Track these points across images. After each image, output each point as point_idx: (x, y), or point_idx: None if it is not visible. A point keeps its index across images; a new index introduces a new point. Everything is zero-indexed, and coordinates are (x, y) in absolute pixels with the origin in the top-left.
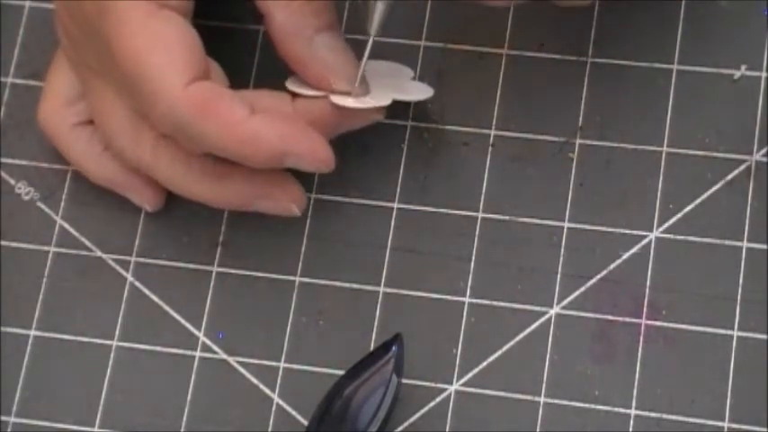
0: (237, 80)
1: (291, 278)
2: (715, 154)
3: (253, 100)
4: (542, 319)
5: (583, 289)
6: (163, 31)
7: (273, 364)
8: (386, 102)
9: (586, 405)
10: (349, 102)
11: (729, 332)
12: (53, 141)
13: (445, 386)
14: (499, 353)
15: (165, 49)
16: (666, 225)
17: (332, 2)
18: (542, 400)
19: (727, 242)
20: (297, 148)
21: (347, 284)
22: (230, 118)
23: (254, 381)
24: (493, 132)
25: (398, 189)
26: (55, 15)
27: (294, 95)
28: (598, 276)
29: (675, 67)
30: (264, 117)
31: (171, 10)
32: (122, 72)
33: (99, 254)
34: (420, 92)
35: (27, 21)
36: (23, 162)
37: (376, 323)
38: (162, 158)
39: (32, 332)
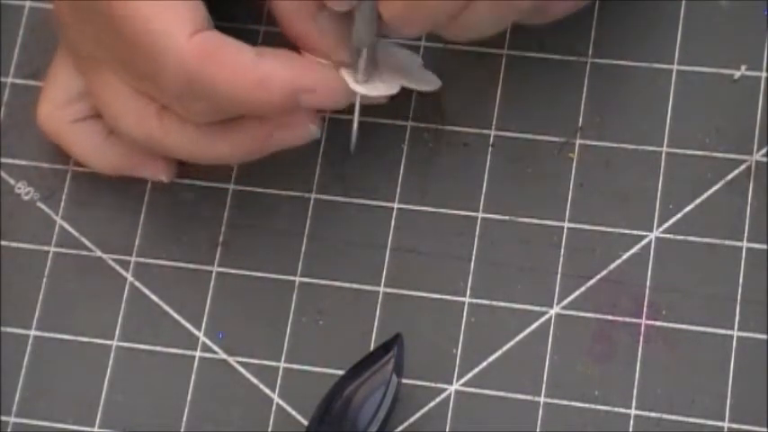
0: None
1: (291, 278)
2: (715, 154)
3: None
4: (542, 319)
5: (583, 289)
6: None
7: (273, 364)
8: (393, 90)
9: (586, 405)
10: (357, 87)
11: (729, 332)
12: (54, 139)
13: (445, 386)
14: (499, 353)
15: (166, 4)
16: (666, 225)
17: None
18: (542, 400)
19: (727, 242)
20: (311, 82)
21: (347, 284)
22: (239, 62)
23: (254, 381)
24: (493, 132)
25: (398, 189)
26: (53, 10)
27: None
28: (598, 276)
29: (675, 67)
30: (274, 57)
31: None
32: (126, 37)
33: (99, 254)
34: (429, 82)
35: (27, 21)
36: (23, 162)
37: (376, 323)
38: (171, 128)
39: (32, 332)
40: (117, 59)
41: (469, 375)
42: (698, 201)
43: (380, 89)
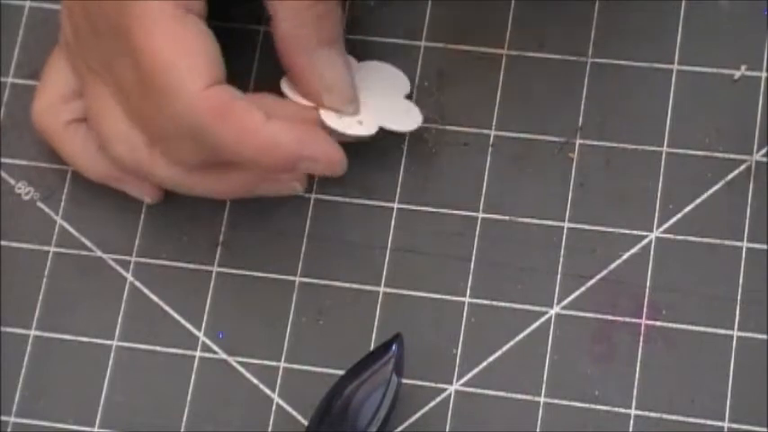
0: (237, 80)
1: (291, 278)
2: (715, 154)
3: (261, 103)
4: (542, 319)
5: (583, 289)
6: (186, 36)
7: (273, 364)
8: (371, 131)
9: (586, 405)
10: (336, 123)
11: (729, 332)
12: (47, 139)
13: (445, 386)
14: (499, 353)
15: (187, 53)
16: (666, 225)
17: (340, 17)
18: (542, 400)
19: (727, 242)
20: (313, 152)
21: (347, 284)
22: (248, 123)
23: (254, 381)
24: (493, 132)
25: (398, 189)
26: (63, 11)
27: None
28: (598, 276)
29: (675, 67)
30: (281, 123)
31: (195, 15)
32: (141, 69)
33: (99, 254)
34: (409, 121)
35: (27, 21)
36: (23, 162)
37: (376, 323)
38: (160, 161)
39: (32, 332)
40: (119, 83)
41: (469, 375)
42: (698, 201)
43: (358, 129)
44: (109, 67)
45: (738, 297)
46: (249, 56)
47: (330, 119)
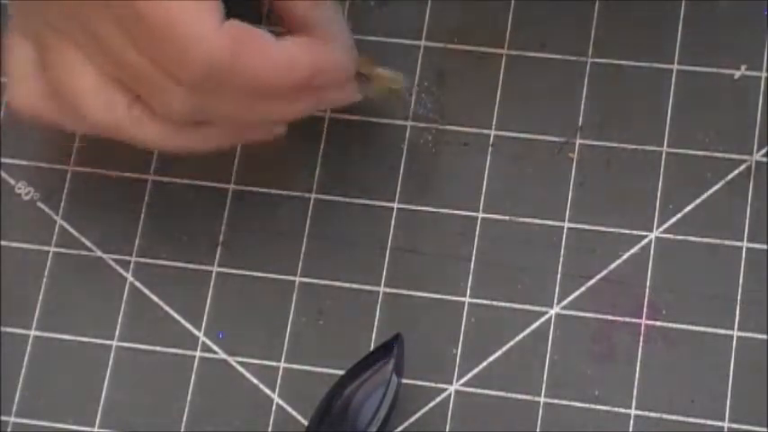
0: None
1: (291, 278)
2: (715, 154)
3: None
4: (542, 319)
5: (583, 289)
6: None
7: (273, 364)
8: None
9: (586, 405)
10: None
11: (729, 332)
12: (42, 121)
13: (445, 386)
14: (499, 353)
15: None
16: (666, 225)
17: None
18: (542, 400)
19: (727, 242)
20: (327, 64)
21: (347, 284)
22: (268, 47)
23: (254, 381)
24: (493, 132)
25: (398, 189)
26: None
27: None
28: (598, 276)
29: (675, 67)
30: (293, 41)
31: None
32: (145, 23)
33: (99, 254)
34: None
35: None
36: (23, 162)
37: (376, 323)
38: (141, 119)
39: (32, 332)
40: (98, 41)
41: (469, 375)
42: (698, 201)
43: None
44: (81, 25)
45: (738, 297)
46: None
47: None
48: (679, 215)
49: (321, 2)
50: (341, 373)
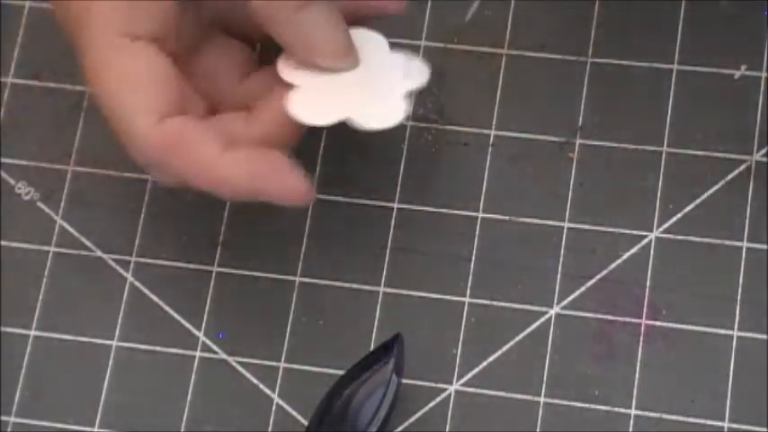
0: None
1: (291, 278)
2: (715, 154)
3: (227, 126)
4: (542, 319)
5: (583, 289)
6: (132, 67)
7: (273, 364)
8: (327, 121)
9: (586, 405)
10: (308, 117)
11: (729, 332)
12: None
13: (445, 386)
14: (499, 353)
15: (133, 89)
16: (666, 225)
17: None
18: (542, 400)
19: (727, 242)
20: (269, 187)
21: (347, 284)
22: (202, 157)
23: (254, 381)
24: (493, 132)
25: (398, 189)
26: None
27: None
28: (598, 276)
29: (675, 67)
30: (235, 157)
31: (145, 41)
32: (103, 110)
33: (99, 254)
34: (389, 113)
35: (27, 21)
36: (23, 162)
37: (376, 323)
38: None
39: (32, 332)
40: None
41: (469, 375)
42: (698, 201)
43: (325, 118)
44: None
45: (738, 297)
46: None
47: (303, 112)
48: (679, 215)
49: (296, 15)
50: (341, 373)
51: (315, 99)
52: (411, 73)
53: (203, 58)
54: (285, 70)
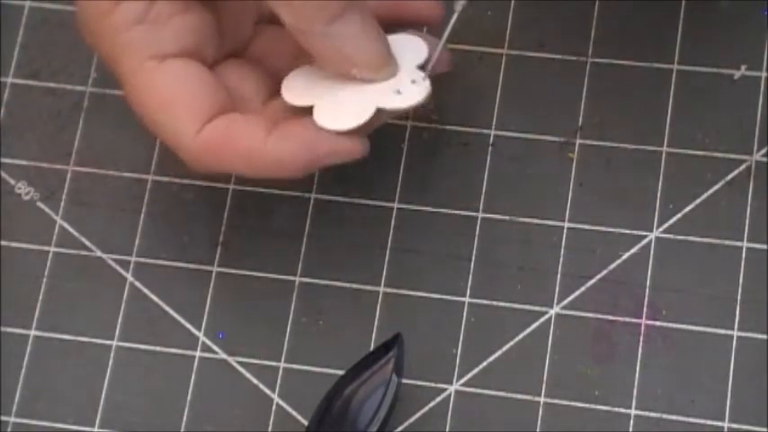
0: None
1: (291, 278)
2: (715, 154)
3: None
4: (542, 319)
5: (583, 289)
6: (165, 86)
7: (273, 364)
8: (362, 119)
9: (586, 405)
10: (329, 123)
11: (729, 332)
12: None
13: (445, 386)
14: (499, 353)
15: (170, 106)
16: (666, 225)
17: None
18: (542, 400)
19: (727, 242)
20: (322, 152)
21: (347, 284)
22: (249, 147)
23: (254, 381)
24: (493, 132)
25: (398, 189)
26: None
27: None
28: (598, 276)
29: (675, 67)
30: (281, 135)
31: (173, 58)
32: (146, 123)
33: (99, 254)
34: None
35: (27, 21)
36: (23, 162)
37: (376, 323)
38: None
39: (32, 332)
40: None
41: (469, 375)
42: (698, 201)
43: (355, 121)
44: None
45: (738, 297)
46: None
47: (332, 122)
48: (679, 215)
49: (328, 29)
50: (341, 373)
51: (337, 107)
52: (418, 47)
53: (257, 45)
54: (291, 94)
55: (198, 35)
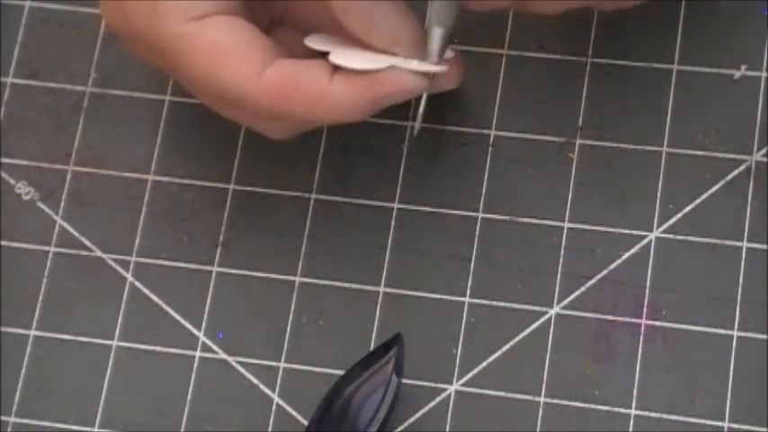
0: None
1: (291, 278)
2: (715, 154)
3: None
4: (542, 319)
5: (583, 289)
6: (212, 39)
7: (273, 364)
8: (375, 65)
9: (586, 405)
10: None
11: (729, 332)
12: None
13: (445, 386)
14: (499, 353)
15: (224, 55)
16: (666, 225)
17: None
18: (542, 400)
19: (727, 242)
20: (384, 93)
21: (347, 284)
22: (311, 95)
23: (254, 381)
24: (493, 132)
25: (398, 189)
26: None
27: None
28: (598, 276)
29: (675, 67)
30: (344, 78)
31: (214, 14)
32: (200, 85)
33: (99, 254)
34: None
35: (27, 21)
36: (23, 162)
37: (376, 323)
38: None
39: (32, 332)
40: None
41: (469, 375)
42: (698, 201)
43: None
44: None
45: (738, 297)
46: None
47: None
48: (679, 215)
49: (374, 8)
50: (341, 373)
51: (353, 54)
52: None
53: (295, 12)
54: (312, 40)
55: (234, 1)
